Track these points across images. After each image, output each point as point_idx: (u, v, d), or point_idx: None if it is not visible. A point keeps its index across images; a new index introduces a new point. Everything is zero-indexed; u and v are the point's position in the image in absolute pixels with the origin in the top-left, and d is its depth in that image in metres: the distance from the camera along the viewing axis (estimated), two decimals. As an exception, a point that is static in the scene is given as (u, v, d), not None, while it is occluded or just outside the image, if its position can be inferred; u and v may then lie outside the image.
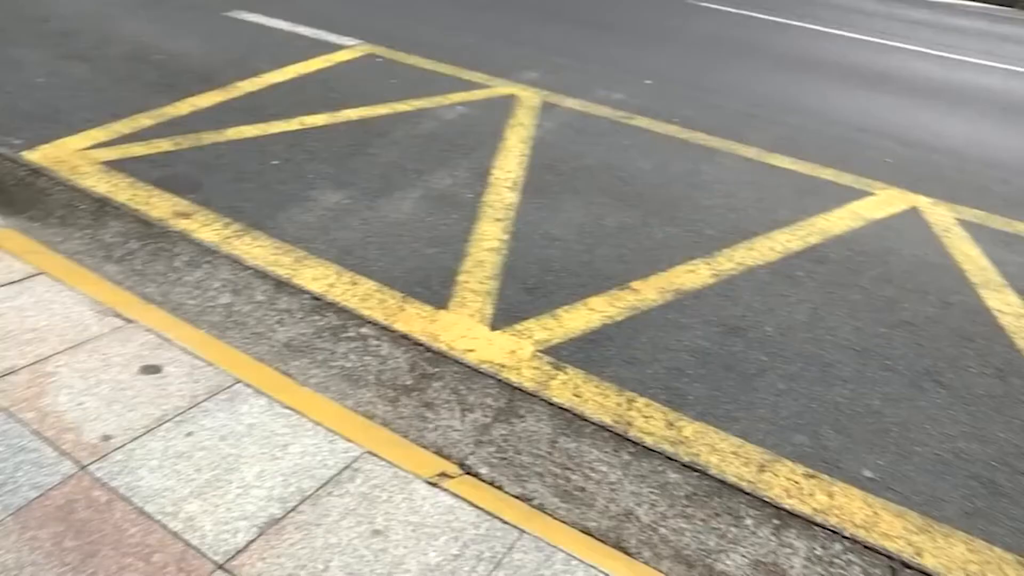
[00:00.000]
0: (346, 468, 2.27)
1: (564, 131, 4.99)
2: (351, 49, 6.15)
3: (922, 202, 4.49)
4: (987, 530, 2.34)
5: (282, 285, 3.15)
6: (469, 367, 2.79)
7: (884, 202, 4.44)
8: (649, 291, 3.31)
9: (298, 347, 2.81)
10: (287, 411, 2.47)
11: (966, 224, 4.29)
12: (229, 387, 2.53)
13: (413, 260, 3.41)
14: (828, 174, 4.76)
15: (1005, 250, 4.04)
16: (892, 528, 2.31)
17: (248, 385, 2.56)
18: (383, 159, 4.34)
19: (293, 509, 2.11)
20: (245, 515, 2.07)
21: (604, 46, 7.33)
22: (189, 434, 2.33)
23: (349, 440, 2.38)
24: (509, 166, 4.37)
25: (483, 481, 2.35)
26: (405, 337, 2.91)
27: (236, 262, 3.26)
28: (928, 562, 2.22)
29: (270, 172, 4.05)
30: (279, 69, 5.50)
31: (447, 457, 2.42)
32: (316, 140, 4.46)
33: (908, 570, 2.20)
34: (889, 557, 2.23)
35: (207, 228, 3.47)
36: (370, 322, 2.98)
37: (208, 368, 2.61)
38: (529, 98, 5.47)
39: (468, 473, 2.37)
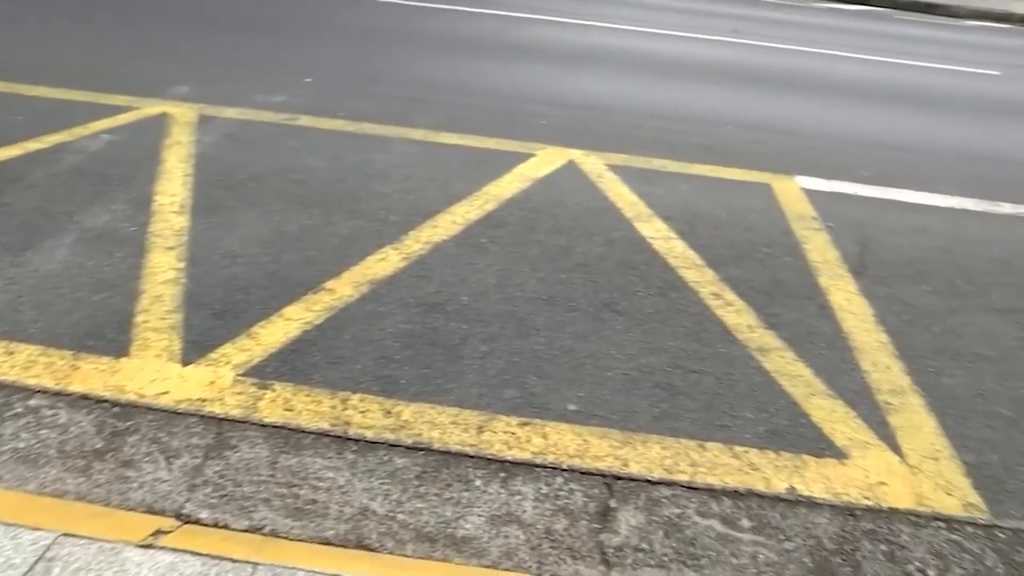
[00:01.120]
0: (39, 560, 2.00)
1: (227, 143, 4.76)
2: (-46, 89, 5.31)
3: (576, 155, 4.96)
4: (673, 427, 2.69)
5: (-86, 376, 2.67)
6: (166, 411, 2.58)
7: (545, 161, 4.84)
8: (344, 288, 3.30)
9: (-50, 442, 2.41)
10: (-51, 519, 2.11)
11: (615, 168, 4.82)
12: None
13: (79, 311, 3.06)
14: (493, 143, 5.07)
15: (647, 185, 4.61)
16: (600, 449, 2.56)
17: None
18: (22, 207, 3.81)
19: (-22, 627, 1.82)
20: (-86, 654, 1.75)
21: (256, 48, 7.08)
22: None
23: (37, 528, 2.09)
24: (173, 189, 4.08)
25: (205, 525, 2.20)
26: (85, 397, 2.61)
27: None
28: (634, 469, 2.49)
29: None
30: None
31: (160, 512, 2.23)
32: (-72, 200, 3.81)
33: (620, 481, 2.45)
34: (603, 475, 2.47)
35: None
36: (39, 391, 2.64)
37: None
38: (183, 114, 5.12)
39: (187, 522, 2.21)
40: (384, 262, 3.53)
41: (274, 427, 2.55)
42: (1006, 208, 4.97)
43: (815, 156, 5.53)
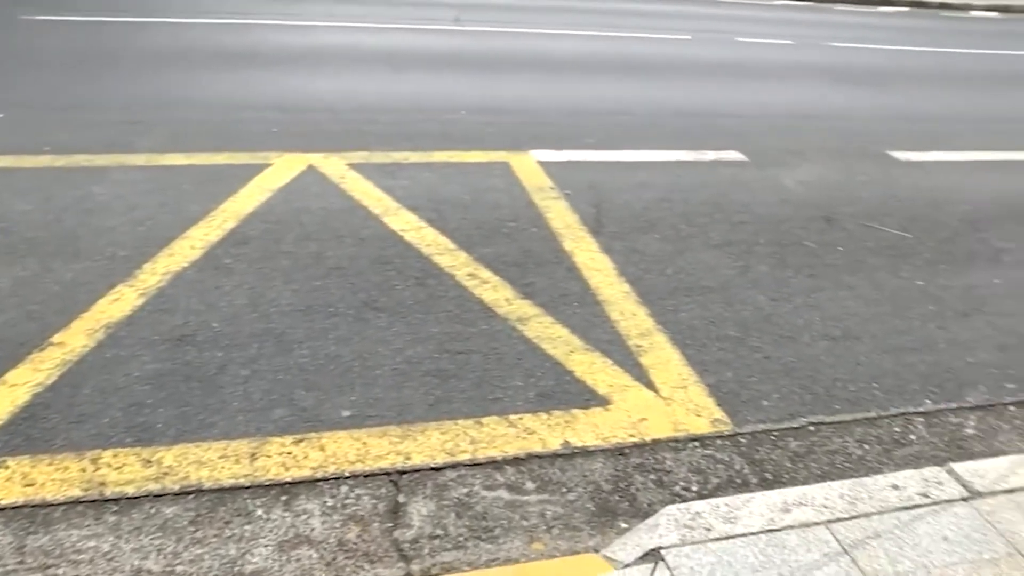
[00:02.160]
0: None
1: (-96, 199, 4.11)
2: None
3: (315, 159, 4.86)
4: (449, 410, 2.74)
5: None
6: None
7: (283, 169, 4.69)
8: (76, 338, 2.98)
9: None
10: None
11: (356, 167, 4.78)
12: None
13: None
14: (224, 158, 4.82)
15: (390, 179, 4.63)
16: (381, 449, 2.55)
17: None
18: None
19: None
20: None
21: (-75, 88, 6.15)
22: None
23: None
24: None
25: (-57, 638, 1.92)
26: None
27: None
28: (417, 460, 2.52)
29: None
30: None
31: None
32: None
33: (405, 475, 2.46)
34: (387, 473, 2.47)
35: None
36: None
37: None
38: None
39: (-81, 640, 1.91)
40: (119, 302, 3.24)
41: (14, 508, 2.26)
42: (710, 155, 5.60)
43: (545, 130, 5.86)
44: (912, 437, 2.82)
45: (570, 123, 6.11)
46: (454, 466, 2.51)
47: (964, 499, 2.38)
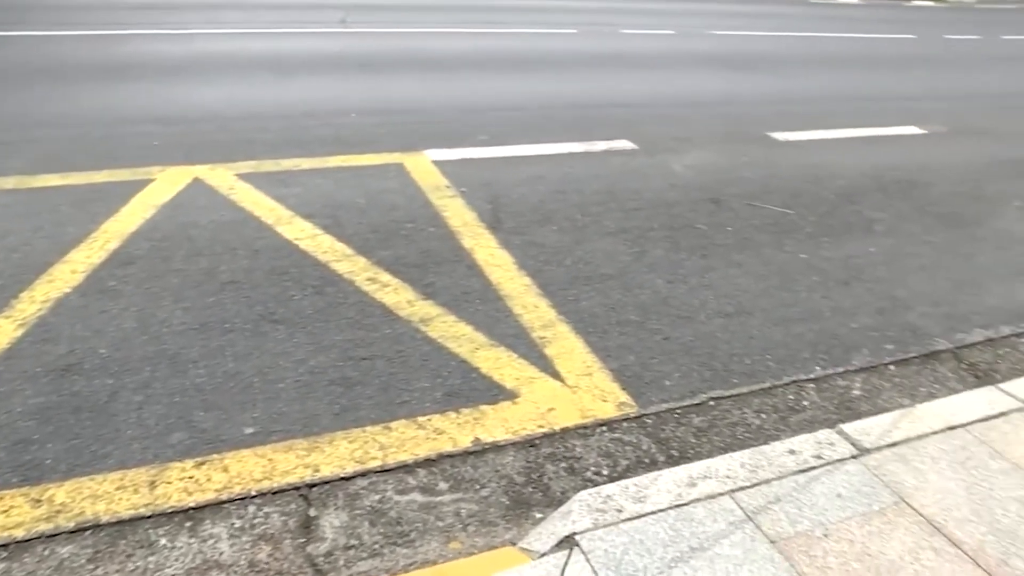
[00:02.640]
0: None
1: None
2: None
3: (201, 171, 4.69)
4: (356, 417, 2.71)
5: None
6: None
7: (167, 184, 4.51)
8: (-53, 378, 2.79)
9: None
10: None
11: (245, 177, 4.65)
12: None
13: None
14: (103, 176, 4.59)
15: (283, 187, 4.53)
16: (288, 464, 2.49)
17: None
18: None
19: None
20: None
21: None
22: None
23: None
24: None
25: None
26: None
27: None
28: (326, 472, 2.47)
29: None
30: None
31: None
32: None
33: (314, 488, 2.42)
34: (296, 488, 2.42)
35: None
36: None
37: None
38: None
39: None
40: (-5, 335, 3.05)
41: None
42: (601, 145, 5.72)
43: (438, 129, 5.85)
44: (805, 403, 2.96)
45: (462, 121, 6.11)
46: (364, 474, 2.48)
47: (854, 456, 2.52)
